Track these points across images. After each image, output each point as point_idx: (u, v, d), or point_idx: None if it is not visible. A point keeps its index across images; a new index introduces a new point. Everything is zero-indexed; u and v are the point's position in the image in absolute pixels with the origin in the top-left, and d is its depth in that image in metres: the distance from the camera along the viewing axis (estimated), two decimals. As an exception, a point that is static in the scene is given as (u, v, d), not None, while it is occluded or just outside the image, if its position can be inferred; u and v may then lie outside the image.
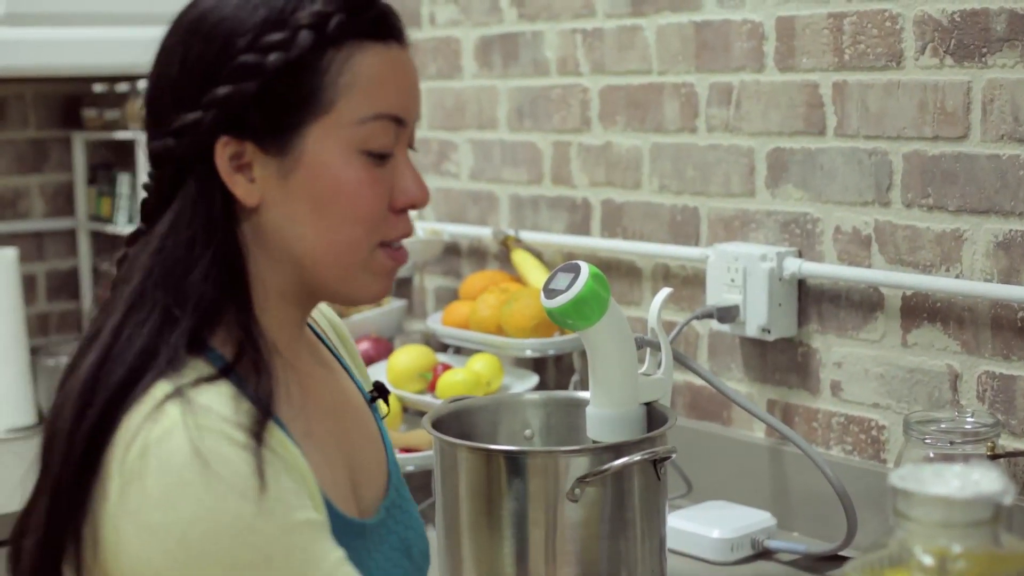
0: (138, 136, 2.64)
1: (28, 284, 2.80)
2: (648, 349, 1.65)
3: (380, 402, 1.35)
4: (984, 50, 1.69)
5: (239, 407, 1.04)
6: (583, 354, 1.56)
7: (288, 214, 1.11)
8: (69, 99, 2.88)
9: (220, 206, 1.11)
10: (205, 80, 1.09)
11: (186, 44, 1.10)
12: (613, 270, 2.21)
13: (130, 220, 2.72)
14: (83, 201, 2.86)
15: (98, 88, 2.78)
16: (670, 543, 1.66)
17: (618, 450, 1.48)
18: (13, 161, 2.83)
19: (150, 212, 1.14)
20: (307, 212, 1.11)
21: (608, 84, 2.21)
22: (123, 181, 2.74)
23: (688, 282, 2.10)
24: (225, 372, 1.07)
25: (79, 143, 2.86)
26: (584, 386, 1.62)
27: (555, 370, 2.31)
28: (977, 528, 0.95)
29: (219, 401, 1.04)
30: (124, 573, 1.01)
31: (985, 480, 0.95)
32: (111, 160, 2.86)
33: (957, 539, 0.94)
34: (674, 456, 1.52)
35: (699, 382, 2.09)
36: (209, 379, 1.05)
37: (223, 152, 1.10)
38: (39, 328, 2.84)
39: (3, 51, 2.58)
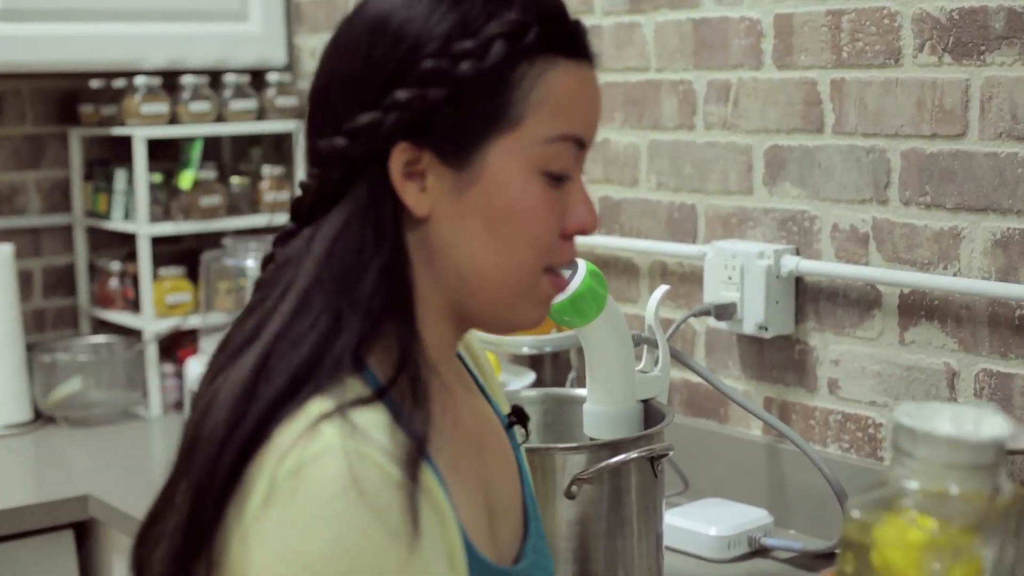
0: (134, 132, 2.63)
1: (24, 280, 2.79)
2: (645, 346, 1.65)
3: (518, 428, 1.26)
4: (982, 48, 1.69)
5: (395, 437, 0.97)
6: (580, 351, 1.56)
7: (459, 229, 1.05)
8: (66, 95, 2.87)
9: (391, 214, 1.04)
10: (388, 82, 1.03)
11: (369, 43, 1.04)
12: (610, 267, 2.21)
13: (126, 216, 2.71)
14: (79, 197, 2.85)
15: (95, 84, 2.77)
16: (667, 540, 1.66)
17: (615, 447, 1.48)
18: (10, 157, 2.82)
19: (306, 212, 1.07)
20: (480, 229, 1.04)
21: (606, 81, 2.21)
22: (120, 177, 2.74)
23: (685, 279, 2.10)
24: (381, 394, 1.00)
25: (76, 139, 2.85)
26: (581, 383, 1.62)
27: (552, 367, 2.31)
28: (978, 471, 0.93)
29: (377, 428, 0.97)
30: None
31: (991, 424, 0.93)
32: (108, 156, 2.86)
33: (957, 481, 0.92)
34: (671, 453, 1.52)
35: (696, 379, 2.08)
36: (366, 400, 0.99)
37: (399, 158, 1.03)
38: (35, 324, 2.83)
39: (0, 47, 2.57)
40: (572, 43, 1.07)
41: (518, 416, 1.24)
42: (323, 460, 0.94)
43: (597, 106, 1.11)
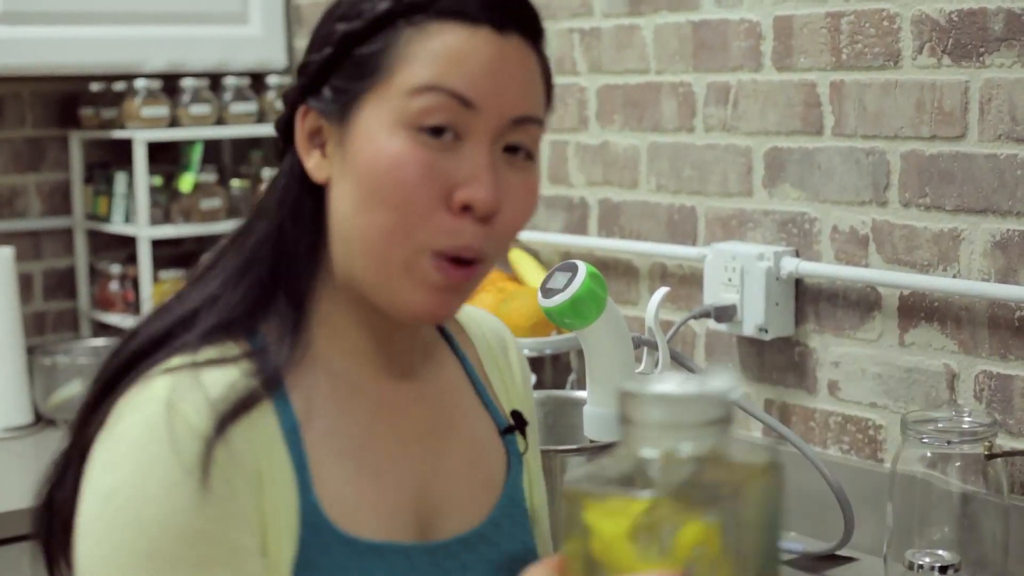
0: (135, 135, 2.63)
1: (24, 283, 2.79)
2: (645, 348, 1.65)
3: (518, 435, 1.22)
4: (982, 50, 1.69)
5: (229, 396, 1.00)
6: (580, 353, 1.56)
7: (341, 192, 1.04)
8: (66, 98, 2.87)
9: (303, 180, 1.07)
10: (307, 52, 1.08)
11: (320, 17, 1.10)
12: (610, 269, 2.21)
13: (127, 219, 2.72)
14: (80, 200, 2.85)
15: (95, 87, 2.77)
16: (667, 542, 1.66)
17: (615, 449, 1.48)
18: (10, 160, 2.82)
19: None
20: (352, 191, 1.03)
21: (605, 83, 2.21)
22: (120, 180, 2.74)
23: (685, 281, 2.10)
24: (246, 357, 1.03)
25: (76, 142, 2.85)
26: (581, 385, 1.62)
27: (552, 369, 2.31)
28: (705, 430, 0.89)
29: (216, 386, 1.00)
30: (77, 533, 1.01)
31: (711, 381, 0.89)
32: (108, 159, 2.86)
33: (685, 440, 0.87)
34: (671, 455, 1.52)
35: (696, 381, 2.08)
36: (224, 361, 1.02)
37: (302, 122, 1.06)
38: (35, 327, 2.83)
39: (0, 50, 2.57)
40: (473, 8, 1.03)
41: (516, 422, 1.21)
42: (142, 407, 0.99)
43: (494, 69, 1.03)
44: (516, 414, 1.22)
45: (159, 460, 0.97)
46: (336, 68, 1.04)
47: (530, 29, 1.08)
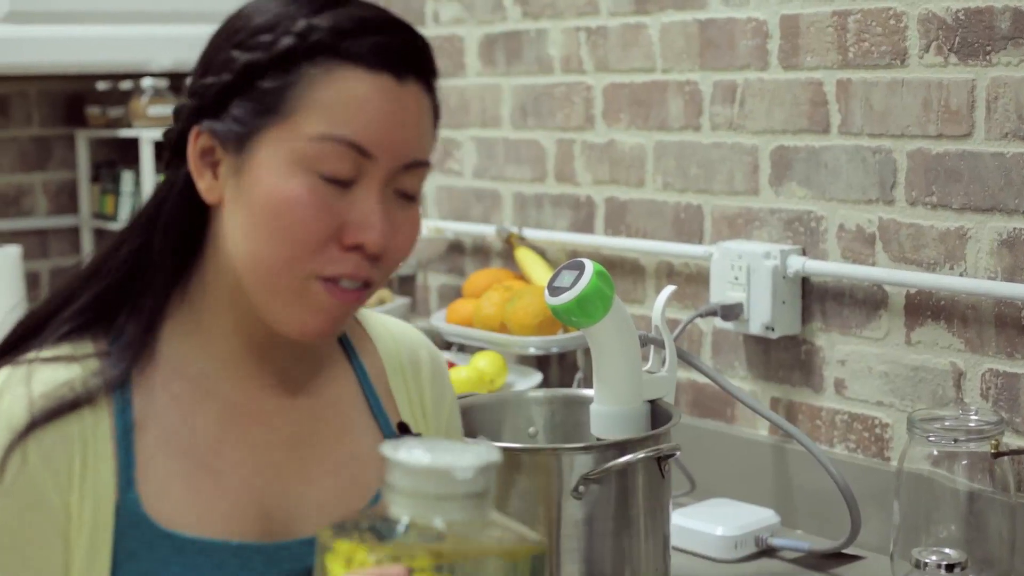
0: (141, 134, 2.64)
1: (31, 282, 2.80)
2: (652, 347, 1.65)
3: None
4: (988, 48, 1.69)
5: (54, 393, 1.06)
6: (587, 352, 1.57)
7: (233, 217, 1.09)
8: (73, 97, 2.88)
9: (186, 195, 1.11)
10: (202, 69, 1.11)
11: (210, 39, 1.12)
12: (617, 268, 2.21)
13: (134, 218, 2.72)
14: (86, 199, 2.86)
15: (102, 86, 2.78)
16: (674, 541, 1.66)
17: (622, 448, 1.48)
18: (17, 159, 2.83)
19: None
20: (245, 218, 1.08)
21: (612, 82, 2.21)
22: (127, 179, 2.74)
23: (692, 280, 2.11)
24: (96, 356, 1.09)
25: (83, 141, 2.86)
26: (588, 383, 1.63)
27: (559, 368, 2.31)
28: (463, 502, 0.91)
29: (46, 381, 1.07)
30: None
31: (471, 454, 0.91)
32: (114, 158, 2.86)
33: (442, 513, 0.90)
34: (678, 454, 1.52)
35: (703, 380, 2.09)
36: (68, 359, 1.08)
37: (195, 142, 1.09)
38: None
39: (7, 49, 2.58)
40: (373, 55, 1.07)
41: (401, 432, 1.23)
42: None
43: (390, 119, 1.07)
44: (401, 425, 1.23)
45: None
46: (235, 96, 1.07)
47: (426, 73, 1.12)
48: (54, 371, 1.08)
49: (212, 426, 1.13)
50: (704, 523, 1.85)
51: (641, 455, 1.47)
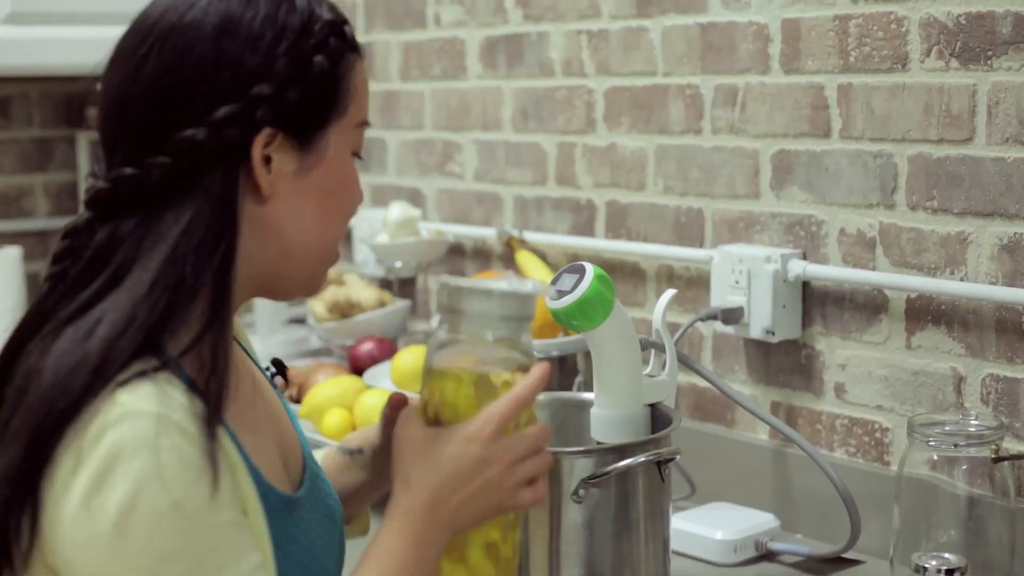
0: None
1: (32, 283, 2.80)
2: (652, 350, 1.65)
3: (279, 378, 1.38)
4: (990, 53, 1.69)
5: (193, 397, 1.08)
6: (587, 355, 1.56)
7: (295, 207, 1.17)
8: (73, 98, 2.88)
9: (237, 199, 1.13)
10: (247, 79, 1.12)
11: (217, 42, 1.13)
12: (617, 271, 2.21)
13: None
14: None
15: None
16: (674, 544, 1.66)
17: (622, 451, 1.48)
18: (17, 160, 2.83)
19: (122, 204, 1.14)
20: (315, 206, 1.18)
21: (613, 85, 2.21)
22: (127, 180, 2.74)
23: (692, 283, 2.10)
24: (169, 364, 1.09)
25: (83, 142, 2.86)
26: (588, 387, 1.62)
27: (559, 371, 2.31)
28: (506, 323, 1.19)
29: (173, 390, 1.07)
30: (59, 557, 1.05)
31: (514, 284, 1.20)
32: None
33: (492, 329, 1.19)
34: (678, 458, 1.52)
35: (703, 384, 2.09)
36: (158, 369, 1.08)
37: (259, 144, 1.13)
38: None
39: (8, 50, 2.58)
40: (356, 40, 1.21)
41: (277, 368, 1.34)
42: (121, 424, 1.03)
43: None
44: (276, 361, 1.36)
45: (161, 471, 1.03)
46: (303, 99, 1.15)
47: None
48: (165, 379, 1.08)
49: (248, 391, 1.24)
50: (704, 527, 1.85)
51: (641, 459, 1.47)
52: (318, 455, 1.43)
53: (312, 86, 1.15)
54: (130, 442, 1.03)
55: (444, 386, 1.19)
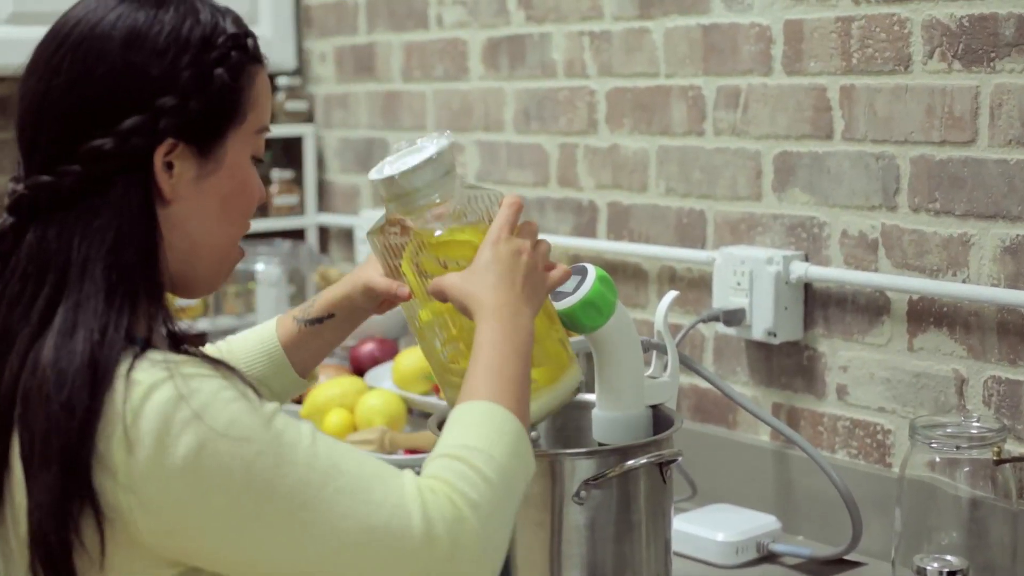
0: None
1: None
2: (654, 352, 1.65)
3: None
4: (992, 55, 1.69)
5: (180, 357, 1.16)
6: (589, 356, 1.56)
7: (198, 208, 1.24)
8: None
9: (147, 201, 1.20)
10: (153, 89, 1.19)
11: (124, 55, 1.19)
12: (619, 272, 2.21)
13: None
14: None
15: (105, 87, 2.78)
16: (675, 546, 1.66)
17: (624, 453, 1.48)
18: (16, 160, 2.83)
19: (40, 207, 1.20)
20: (216, 208, 1.25)
21: (615, 86, 2.21)
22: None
23: (694, 285, 2.10)
24: (146, 346, 1.17)
25: (85, 142, 2.86)
26: (590, 388, 1.62)
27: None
28: (432, 187, 1.38)
29: (167, 359, 1.15)
30: (163, 527, 1.11)
31: (427, 147, 1.41)
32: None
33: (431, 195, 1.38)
34: (680, 459, 1.52)
35: (705, 385, 2.08)
36: (144, 350, 1.15)
37: (161, 153, 1.20)
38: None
39: (10, 50, 2.57)
40: (259, 51, 1.28)
41: (197, 338, 1.41)
42: (150, 395, 1.11)
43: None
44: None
45: (203, 410, 1.11)
46: (203, 109, 1.21)
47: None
48: (157, 355, 1.16)
49: None
50: (706, 529, 1.85)
51: (643, 460, 1.47)
52: (265, 328, 1.59)
53: (213, 97, 1.21)
54: (168, 402, 1.10)
55: (448, 251, 1.38)
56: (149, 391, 1.11)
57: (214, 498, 1.10)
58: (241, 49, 1.24)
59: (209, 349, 1.53)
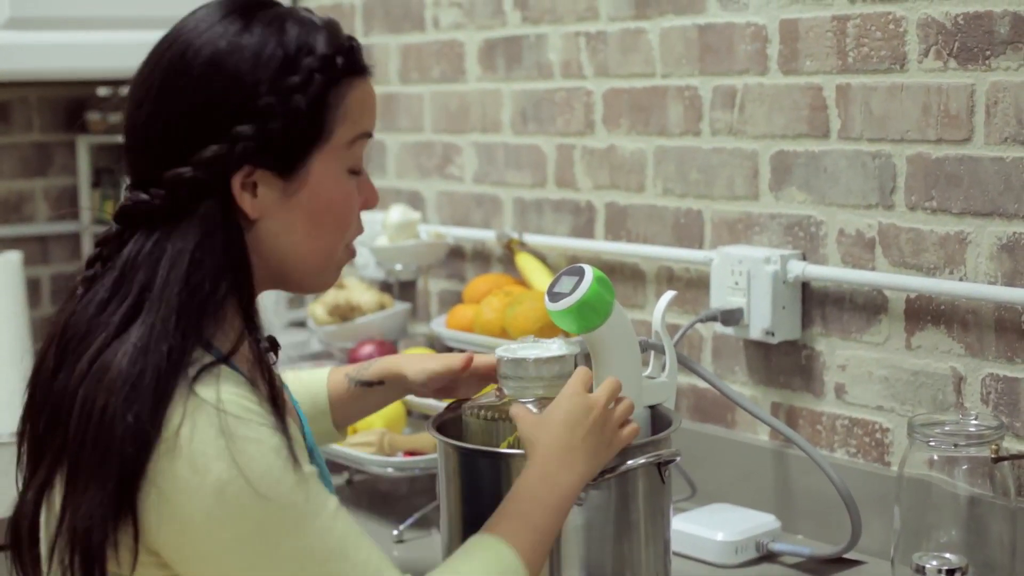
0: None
1: (32, 288, 2.80)
2: (652, 352, 1.66)
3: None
4: (988, 53, 1.69)
5: (248, 385, 1.21)
6: (587, 357, 1.56)
7: (285, 225, 1.28)
8: (73, 103, 2.88)
9: (235, 220, 1.25)
10: (229, 117, 1.22)
11: (204, 83, 1.23)
12: (617, 273, 2.22)
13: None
14: (87, 205, 2.86)
15: (102, 92, 2.78)
16: (675, 546, 1.66)
17: (623, 453, 1.48)
18: (17, 165, 2.83)
19: (140, 221, 1.25)
20: (302, 225, 1.29)
21: (612, 87, 2.21)
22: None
23: (692, 285, 2.11)
24: (225, 360, 1.22)
25: (83, 147, 2.86)
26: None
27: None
28: (558, 381, 1.45)
29: (233, 381, 1.20)
30: (169, 542, 1.17)
31: (555, 346, 1.51)
32: (115, 164, 2.87)
33: (544, 389, 1.48)
34: (679, 459, 1.52)
35: (703, 385, 2.09)
36: (216, 363, 1.20)
37: (239, 178, 1.24)
38: (43, 332, 2.84)
39: (8, 55, 2.58)
40: (358, 64, 1.30)
41: (271, 344, 1.38)
42: (198, 413, 1.16)
43: (375, 105, 1.35)
44: (270, 338, 1.41)
45: (243, 447, 1.15)
46: (282, 135, 1.24)
47: (368, 67, 1.35)
48: (226, 373, 1.21)
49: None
50: (705, 528, 1.85)
51: (641, 460, 1.47)
52: (317, 375, 1.66)
53: (291, 123, 1.24)
54: (215, 429, 1.15)
55: None
56: (202, 409, 1.16)
57: (221, 530, 1.15)
58: (327, 69, 1.25)
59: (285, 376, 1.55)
